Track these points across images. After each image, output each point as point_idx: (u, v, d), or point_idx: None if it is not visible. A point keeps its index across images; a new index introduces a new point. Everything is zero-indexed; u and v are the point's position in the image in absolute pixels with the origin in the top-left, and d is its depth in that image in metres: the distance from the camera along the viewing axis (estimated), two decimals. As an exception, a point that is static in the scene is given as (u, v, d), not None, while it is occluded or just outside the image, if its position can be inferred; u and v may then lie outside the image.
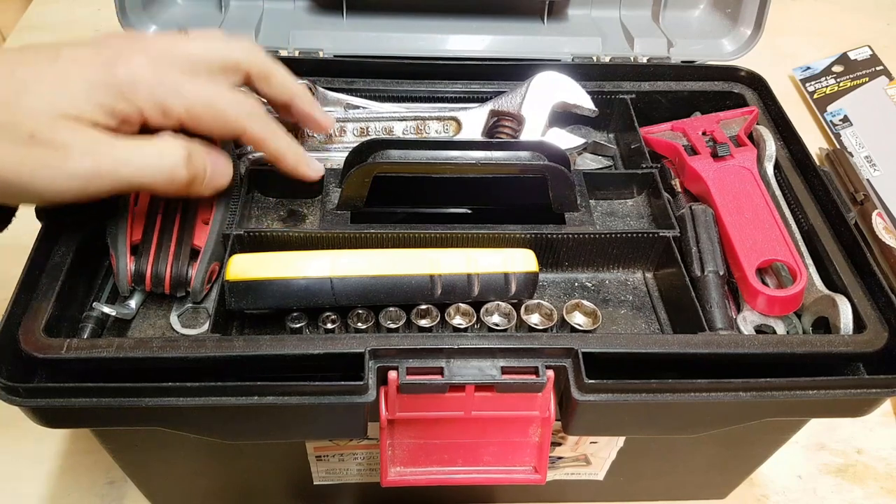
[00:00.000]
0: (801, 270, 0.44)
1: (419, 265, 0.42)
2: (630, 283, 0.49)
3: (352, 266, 0.41)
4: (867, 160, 0.78)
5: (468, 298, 0.42)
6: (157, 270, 0.42)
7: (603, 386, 0.37)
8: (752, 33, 0.64)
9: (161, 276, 0.42)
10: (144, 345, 0.37)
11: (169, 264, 0.42)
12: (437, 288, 0.41)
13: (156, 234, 0.43)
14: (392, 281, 0.41)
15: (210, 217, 0.44)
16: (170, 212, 0.44)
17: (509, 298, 0.42)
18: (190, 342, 0.37)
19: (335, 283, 0.40)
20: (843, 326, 0.41)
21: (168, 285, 0.42)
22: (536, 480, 0.40)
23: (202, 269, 0.43)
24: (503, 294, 0.42)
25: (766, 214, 0.47)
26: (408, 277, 0.41)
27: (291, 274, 0.40)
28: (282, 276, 0.40)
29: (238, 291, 0.40)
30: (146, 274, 0.42)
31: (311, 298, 0.41)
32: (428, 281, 0.41)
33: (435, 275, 0.41)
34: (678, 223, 0.48)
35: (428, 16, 0.64)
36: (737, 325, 0.44)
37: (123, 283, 0.42)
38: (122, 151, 0.36)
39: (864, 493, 0.55)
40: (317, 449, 0.45)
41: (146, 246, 0.43)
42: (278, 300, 0.41)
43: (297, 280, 0.40)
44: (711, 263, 0.45)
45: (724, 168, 0.50)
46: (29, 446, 0.54)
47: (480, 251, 0.43)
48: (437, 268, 0.41)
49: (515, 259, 0.42)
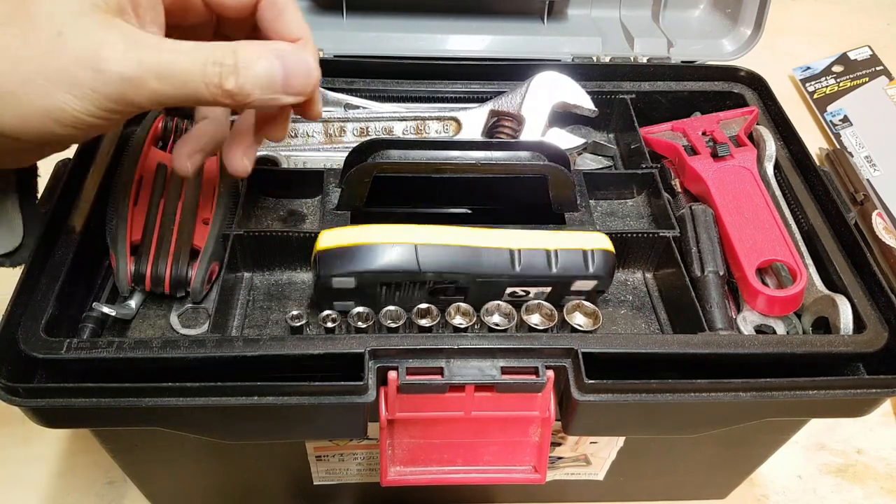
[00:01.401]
0: (801, 270, 0.44)
1: (500, 240, 0.42)
2: (630, 283, 0.49)
3: (435, 236, 0.42)
4: (867, 160, 0.78)
5: (547, 276, 0.42)
6: (156, 271, 0.42)
7: (603, 386, 0.37)
8: (752, 33, 0.65)
9: (161, 277, 0.42)
10: (144, 345, 0.37)
11: (169, 264, 0.42)
12: (518, 262, 0.42)
13: (156, 234, 0.43)
14: (475, 251, 0.41)
15: (210, 217, 0.44)
16: (169, 211, 0.44)
17: (589, 277, 0.42)
18: (190, 342, 0.37)
19: (420, 251, 0.41)
20: (843, 326, 0.41)
21: (168, 285, 0.42)
22: (536, 480, 0.40)
23: (202, 269, 0.43)
24: (582, 273, 0.42)
25: (766, 214, 0.47)
26: (490, 249, 0.42)
27: (378, 240, 0.41)
28: (369, 241, 0.41)
29: (328, 259, 0.41)
30: (146, 274, 0.42)
31: (397, 265, 0.41)
32: (508, 255, 0.42)
33: (515, 249, 0.42)
34: (678, 223, 0.48)
35: (428, 16, 0.64)
36: (737, 325, 0.44)
37: (123, 283, 0.42)
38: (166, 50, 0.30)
39: (864, 493, 0.55)
40: (317, 449, 0.45)
41: (146, 246, 0.42)
42: (366, 265, 0.41)
43: (383, 245, 0.41)
44: (711, 263, 0.45)
45: (724, 168, 0.50)
46: (29, 446, 0.54)
47: (556, 232, 0.44)
48: (518, 244, 0.42)
49: (591, 239, 0.43)
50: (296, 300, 0.46)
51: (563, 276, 0.42)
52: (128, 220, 0.43)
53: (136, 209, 0.43)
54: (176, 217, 0.44)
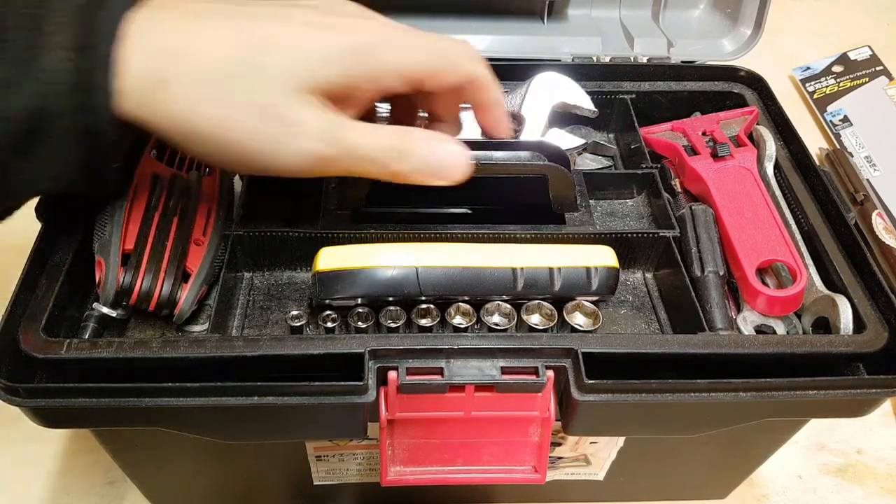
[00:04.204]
0: (801, 270, 0.44)
1: (501, 258, 0.42)
2: (630, 283, 0.49)
3: (436, 257, 0.42)
4: (867, 160, 0.78)
5: (549, 294, 0.42)
6: (145, 287, 0.40)
7: (603, 386, 0.37)
8: (752, 33, 0.65)
9: (150, 294, 0.41)
10: (144, 345, 0.37)
11: (159, 283, 0.41)
12: (520, 282, 0.42)
13: (147, 249, 0.41)
14: (476, 273, 0.42)
15: (203, 240, 0.43)
16: (163, 226, 0.42)
17: (591, 294, 0.42)
18: (190, 342, 0.37)
19: (421, 273, 0.41)
20: (843, 326, 0.41)
21: (154, 305, 0.41)
22: (536, 480, 0.40)
23: (192, 292, 0.42)
24: (585, 290, 0.42)
25: (766, 214, 0.47)
26: (491, 270, 0.42)
27: (379, 263, 0.41)
28: (369, 265, 0.41)
29: (328, 281, 0.41)
30: (134, 289, 0.40)
31: (398, 287, 0.41)
32: (510, 274, 0.42)
33: (517, 268, 0.42)
34: (678, 223, 0.48)
35: (428, 16, 0.64)
36: (737, 326, 0.44)
37: (110, 293, 0.40)
38: (356, 137, 0.34)
39: (864, 493, 0.55)
40: (317, 449, 0.45)
41: (137, 260, 0.41)
42: (366, 289, 0.41)
43: (384, 269, 0.41)
44: (711, 263, 0.45)
45: (724, 168, 0.50)
46: (29, 446, 0.54)
47: (558, 247, 0.43)
48: (520, 261, 0.42)
49: (595, 255, 0.43)
50: (295, 300, 0.46)
51: (565, 294, 0.42)
52: (122, 229, 0.41)
53: (130, 218, 0.42)
54: (170, 234, 0.42)
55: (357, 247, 0.42)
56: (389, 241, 0.45)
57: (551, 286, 0.42)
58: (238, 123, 0.33)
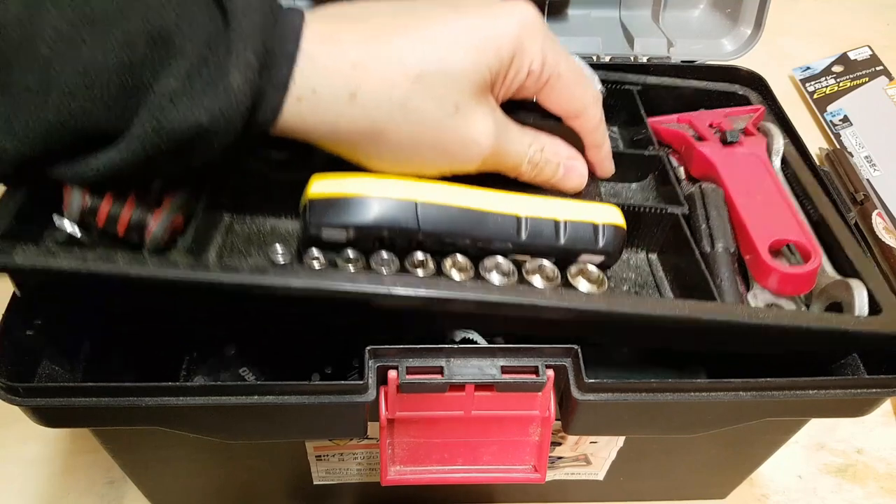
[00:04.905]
0: (815, 250, 0.42)
1: (506, 205, 0.39)
2: (633, 262, 0.48)
3: (438, 194, 0.38)
4: (867, 160, 0.78)
5: (554, 247, 0.39)
6: (114, 207, 0.36)
7: (603, 385, 0.37)
8: (752, 33, 0.65)
9: (116, 215, 0.36)
10: (108, 258, 0.33)
11: (128, 204, 0.36)
12: (524, 230, 0.39)
13: None
14: (479, 216, 0.38)
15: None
16: None
17: (598, 252, 0.40)
18: (159, 262, 0.34)
19: (420, 209, 0.38)
20: (858, 309, 0.40)
21: (124, 227, 0.37)
22: (536, 480, 0.40)
23: (166, 216, 0.37)
24: (591, 246, 0.40)
25: (778, 197, 0.46)
26: (494, 215, 0.39)
27: (376, 193, 0.38)
28: (366, 193, 0.37)
29: (319, 208, 0.37)
30: (100, 208, 0.36)
31: (395, 221, 0.37)
32: (514, 222, 0.39)
33: (522, 216, 0.39)
34: (687, 202, 0.46)
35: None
36: (747, 302, 0.43)
37: (74, 210, 0.35)
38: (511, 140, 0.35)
39: (864, 493, 0.55)
40: (317, 449, 0.45)
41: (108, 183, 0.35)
42: (360, 218, 0.37)
43: (381, 200, 0.37)
44: (722, 240, 0.44)
45: (733, 153, 0.49)
46: (28, 446, 0.54)
47: (565, 201, 0.41)
48: (525, 210, 0.39)
49: (603, 212, 0.41)
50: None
51: (570, 248, 0.40)
52: None
53: None
54: None
55: (354, 175, 0.38)
56: None
57: (556, 239, 0.39)
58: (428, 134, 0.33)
